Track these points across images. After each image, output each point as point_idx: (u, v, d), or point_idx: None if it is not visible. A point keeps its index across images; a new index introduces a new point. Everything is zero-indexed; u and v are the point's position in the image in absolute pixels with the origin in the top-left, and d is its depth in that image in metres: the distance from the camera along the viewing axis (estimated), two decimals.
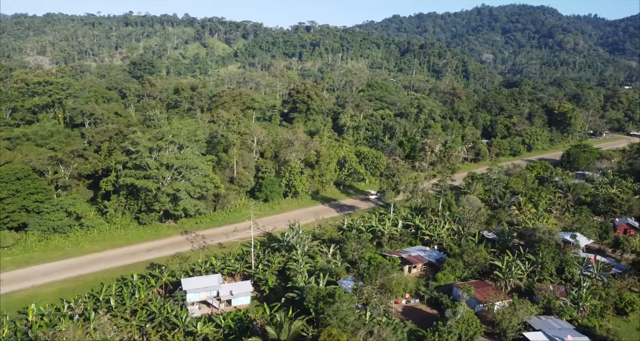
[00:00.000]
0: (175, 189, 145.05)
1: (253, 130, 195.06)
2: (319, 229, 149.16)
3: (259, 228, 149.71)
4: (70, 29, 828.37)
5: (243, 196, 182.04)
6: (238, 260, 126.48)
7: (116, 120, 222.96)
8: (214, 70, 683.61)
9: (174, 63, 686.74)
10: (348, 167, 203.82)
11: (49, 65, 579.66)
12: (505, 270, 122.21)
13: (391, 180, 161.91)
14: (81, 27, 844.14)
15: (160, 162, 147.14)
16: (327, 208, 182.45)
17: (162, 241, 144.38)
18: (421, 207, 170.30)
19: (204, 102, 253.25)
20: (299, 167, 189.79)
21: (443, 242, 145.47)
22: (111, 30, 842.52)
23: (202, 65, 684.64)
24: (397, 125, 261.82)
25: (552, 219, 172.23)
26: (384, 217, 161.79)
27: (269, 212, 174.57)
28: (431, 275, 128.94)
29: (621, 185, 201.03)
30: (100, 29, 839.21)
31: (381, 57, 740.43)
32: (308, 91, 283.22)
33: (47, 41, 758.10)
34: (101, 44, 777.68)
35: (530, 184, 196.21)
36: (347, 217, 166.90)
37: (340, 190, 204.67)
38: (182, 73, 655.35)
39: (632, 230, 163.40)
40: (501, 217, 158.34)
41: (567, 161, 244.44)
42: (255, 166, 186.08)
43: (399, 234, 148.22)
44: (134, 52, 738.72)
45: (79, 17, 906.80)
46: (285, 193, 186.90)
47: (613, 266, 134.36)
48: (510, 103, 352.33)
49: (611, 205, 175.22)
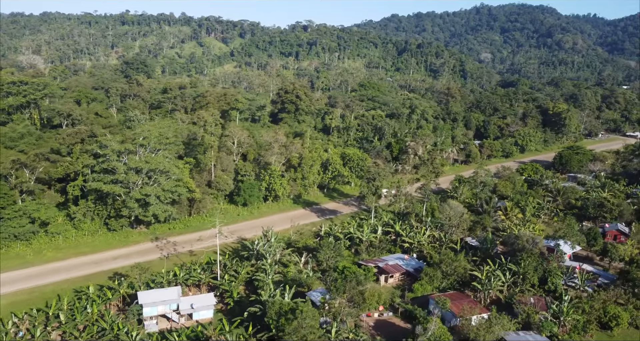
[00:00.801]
0: (144, 194, 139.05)
1: (233, 131, 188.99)
2: (295, 236, 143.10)
3: (226, 236, 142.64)
4: (66, 27, 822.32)
5: (221, 200, 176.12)
6: (205, 270, 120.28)
7: (96, 121, 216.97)
8: (209, 69, 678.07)
9: (169, 62, 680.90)
10: (332, 170, 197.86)
11: (42, 65, 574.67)
12: (485, 281, 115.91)
13: (372, 184, 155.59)
14: (77, 26, 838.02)
15: (128, 166, 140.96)
16: (307, 213, 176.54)
17: (130, 248, 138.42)
18: (404, 212, 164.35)
19: (188, 102, 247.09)
20: (280, 170, 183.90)
21: (423, 249, 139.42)
22: (107, 29, 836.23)
23: (197, 65, 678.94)
24: (386, 126, 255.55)
25: (539, 224, 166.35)
26: (364, 222, 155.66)
27: (247, 217, 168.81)
28: (408, 286, 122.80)
29: (613, 189, 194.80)
30: (97, 28, 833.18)
31: (378, 57, 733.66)
32: (297, 91, 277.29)
33: (42, 40, 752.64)
34: (97, 43, 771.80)
35: (519, 188, 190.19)
36: (325, 223, 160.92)
37: (324, 194, 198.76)
38: (177, 72, 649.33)
39: (622, 236, 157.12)
40: (486, 222, 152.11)
41: (560, 163, 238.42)
42: (235, 169, 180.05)
43: (378, 241, 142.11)
44: (129, 51, 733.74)
45: (75, 16, 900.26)
46: (265, 197, 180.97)
47: (600, 276, 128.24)
48: (504, 104, 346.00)
49: (601, 210, 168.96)
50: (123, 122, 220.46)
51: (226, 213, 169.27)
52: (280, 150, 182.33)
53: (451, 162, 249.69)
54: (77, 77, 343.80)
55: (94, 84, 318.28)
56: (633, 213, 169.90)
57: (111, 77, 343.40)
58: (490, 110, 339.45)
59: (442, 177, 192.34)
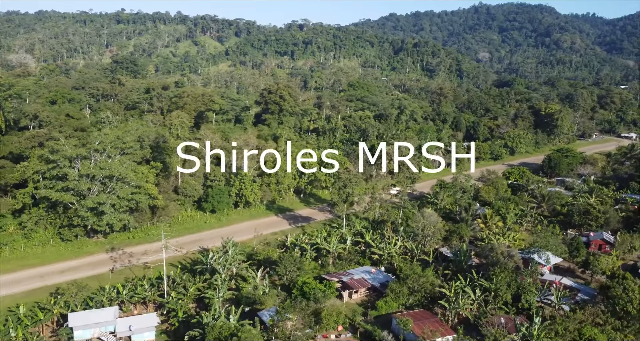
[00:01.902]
0: (98, 203, 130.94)
1: (204, 134, 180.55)
2: (260, 246, 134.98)
3: (177, 250, 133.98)
4: (60, 26, 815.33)
5: (189, 207, 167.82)
6: (153, 286, 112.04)
7: (67, 122, 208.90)
8: (204, 68, 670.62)
9: (163, 61, 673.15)
10: (308, 174, 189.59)
11: (33, 64, 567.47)
12: (452, 299, 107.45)
13: (342, 192, 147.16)
14: (72, 25, 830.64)
15: (81, 172, 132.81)
16: (279, 220, 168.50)
17: (82, 260, 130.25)
18: (379, 220, 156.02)
19: (164, 103, 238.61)
20: (252, 174, 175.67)
21: (394, 262, 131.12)
22: (102, 28, 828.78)
23: (192, 64, 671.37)
24: (370, 128, 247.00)
25: (522, 233, 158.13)
26: (334, 231, 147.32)
27: (214, 225, 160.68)
28: (372, 303, 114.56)
29: (601, 194, 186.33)
30: (92, 27, 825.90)
31: (374, 56, 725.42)
32: (280, 92, 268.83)
33: (36, 39, 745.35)
34: (91, 42, 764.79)
35: (503, 193, 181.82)
36: (294, 232, 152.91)
37: (300, 199, 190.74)
38: (171, 71, 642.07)
39: (607, 246, 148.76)
40: (462, 232, 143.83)
41: (548, 166, 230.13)
42: (204, 174, 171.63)
43: (346, 252, 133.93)
44: (123, 50, 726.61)
45: (70, 14, 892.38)
46: (236, 203, 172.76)
47: (580, 291, 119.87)
48: (496, 104, 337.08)
49: (586, 218, 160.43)
50: (94, 123, 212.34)
51: (193, 221, 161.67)
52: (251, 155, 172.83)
53: (436, 165, 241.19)
54: (57, 77, 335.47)
55: (74, 84, 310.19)
56: (620, 221, 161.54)
57: (94, 76, 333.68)
58: (481, 110, 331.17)
59: (425, 181, 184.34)
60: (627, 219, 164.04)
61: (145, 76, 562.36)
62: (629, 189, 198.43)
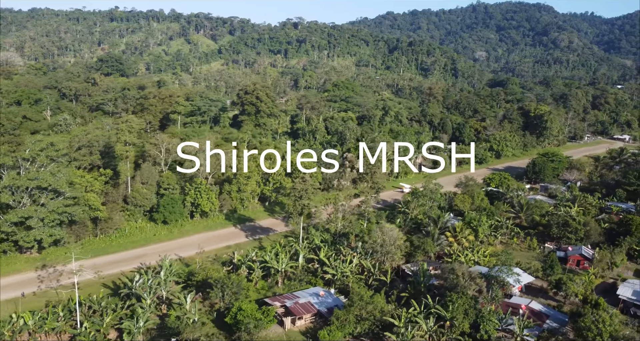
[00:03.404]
0: (23, 217, 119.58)
1: (160, 138, 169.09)
2: (205, 263, 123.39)
3: (96, 273, 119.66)
4: (53, 24, 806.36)
5: (139, 217, 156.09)
6: (71, 312, 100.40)
7: (23, 125, 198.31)
8: (195, 67, 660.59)
9: (155, 60, 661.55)
10: (273, 181, 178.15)
11: (21, 62, 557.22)
12: (402, 330, 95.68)
13: (298, 204, 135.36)
14: (65, 22, 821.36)
15: (4, 184, 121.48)
16: (237, 232, 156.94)
17: (8, 279, 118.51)
18: (341, 233, 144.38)
19: (130, 104, 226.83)
20: (210, 182, 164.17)
21: (348, 282, 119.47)
22: (95, 26, 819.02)
23: (184, 62, 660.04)
24: (346, 131, 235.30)
25: (496, 247, 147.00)
26: (291, 246, 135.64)
27: (164, 238, 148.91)
28: (313, 332, 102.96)
29: (585, 203, 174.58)
30: (84, 25, 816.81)
31: (369, 55, 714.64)
32: (257, 92, 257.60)
33: (27, 36, 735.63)
34: (83, 40, 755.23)
35: (479, 202, 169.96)
36: (246, 246, 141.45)
37: (264, 208, 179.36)
38: (163, 70, 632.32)
39: (585, 262, 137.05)
40: (427, 247, 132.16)
41: (533, 172, 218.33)
42: (157, 182, 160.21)
43: (299, 271, 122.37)
44: (115, 49, 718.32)
45: (64, 12, 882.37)
46: (191, 213, 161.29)
47: (549, 317, 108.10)
48: (485, 105, 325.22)
49: (565, 230, 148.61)
50: (51, 126, 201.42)
51: (141, 233, 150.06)
52: (204, 161, 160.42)
53: (416, 169, 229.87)
54: (28, 76, 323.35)
55: (47, 83, 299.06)
56: (602, 234, 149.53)
57: (67, 75, 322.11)
58: (469, 111, 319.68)
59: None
60: (610, 231, 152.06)
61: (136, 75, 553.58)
62: (615, 197, 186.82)
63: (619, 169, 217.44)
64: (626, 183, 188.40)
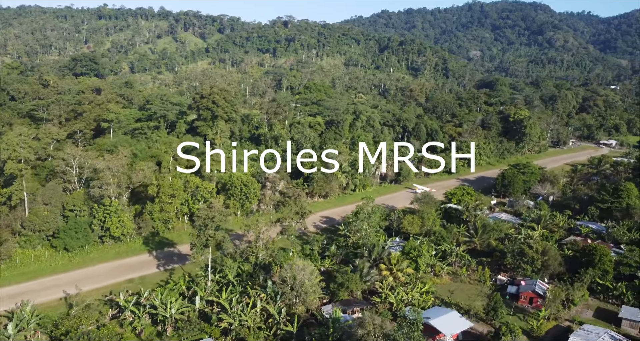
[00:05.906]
0: None
1: (71, 153, 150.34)
2: (79, 309, 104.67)
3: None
4: (39, 21, 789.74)
5: (38, 244, 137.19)
6: None
7: None
8: (181, 66, 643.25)
9: (139, 58, 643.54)
10: (202, 200, 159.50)
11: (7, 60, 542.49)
12: None
13: (203, 234, 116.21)
14: (52, 20, 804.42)
15: None
16: (149, 260, 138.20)
17: None
18: (262, 264, 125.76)
19: (62, 110, 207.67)
20: (124, 202, 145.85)
21: (244, 335, 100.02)
22: (82, 24, 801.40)
23: (169, 61, 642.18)
24: (302, 139, 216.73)
25: (443, 278, 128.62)
26: (197, 283, 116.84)
27: (61, 268, 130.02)
28: None
29: (551, 224, 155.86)
30: (72, 22, 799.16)
31: (359, 54, 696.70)
32: (214, 96, 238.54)
33: (12, 34, 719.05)
34: (69, 38, 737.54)
35: (430, 224, 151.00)
36: (152, 280, 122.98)
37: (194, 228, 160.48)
38: (147, 69, 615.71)
39: (538, 300, 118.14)
40: (352, 285, 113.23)
41: (502, 184, 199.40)
42: (62, 203, 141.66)
43: (192, 316, 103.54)
44: (100, 47, 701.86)
45: (52, 10, 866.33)
46: (101, 237, 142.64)
47: None
48: (463, 109, 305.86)
49: (521, 260, 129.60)
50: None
51: (37, 263, 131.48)
52: (113, 179, 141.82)
53: (377, 182, 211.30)
54: None
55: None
56: (563, 263, 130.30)
57: (16, 77, 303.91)
58: (447, 116, 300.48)
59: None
60: (573, 260, 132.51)
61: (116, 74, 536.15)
62: (587, 215, 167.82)
63: (595, 182, 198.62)
64: (599, 199, 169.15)
